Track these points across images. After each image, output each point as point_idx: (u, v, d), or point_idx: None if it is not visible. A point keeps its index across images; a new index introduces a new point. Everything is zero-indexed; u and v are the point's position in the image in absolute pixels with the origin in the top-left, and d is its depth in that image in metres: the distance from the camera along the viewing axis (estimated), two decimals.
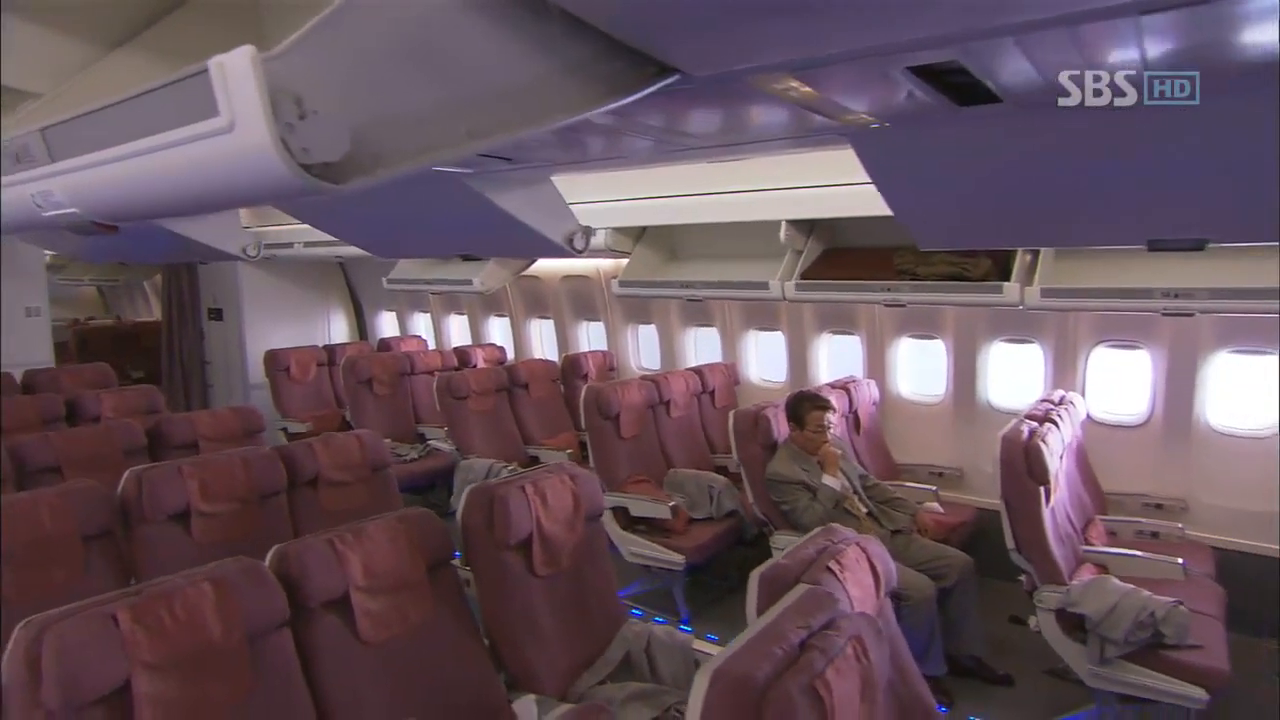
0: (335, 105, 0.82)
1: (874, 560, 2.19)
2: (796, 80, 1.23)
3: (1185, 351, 4.40)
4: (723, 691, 1.37)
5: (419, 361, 6.70)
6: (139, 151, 0.91)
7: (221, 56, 0.75)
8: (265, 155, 0.76)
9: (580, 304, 6.79)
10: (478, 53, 0.96)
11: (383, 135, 0.88)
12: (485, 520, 2.58)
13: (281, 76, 0.75)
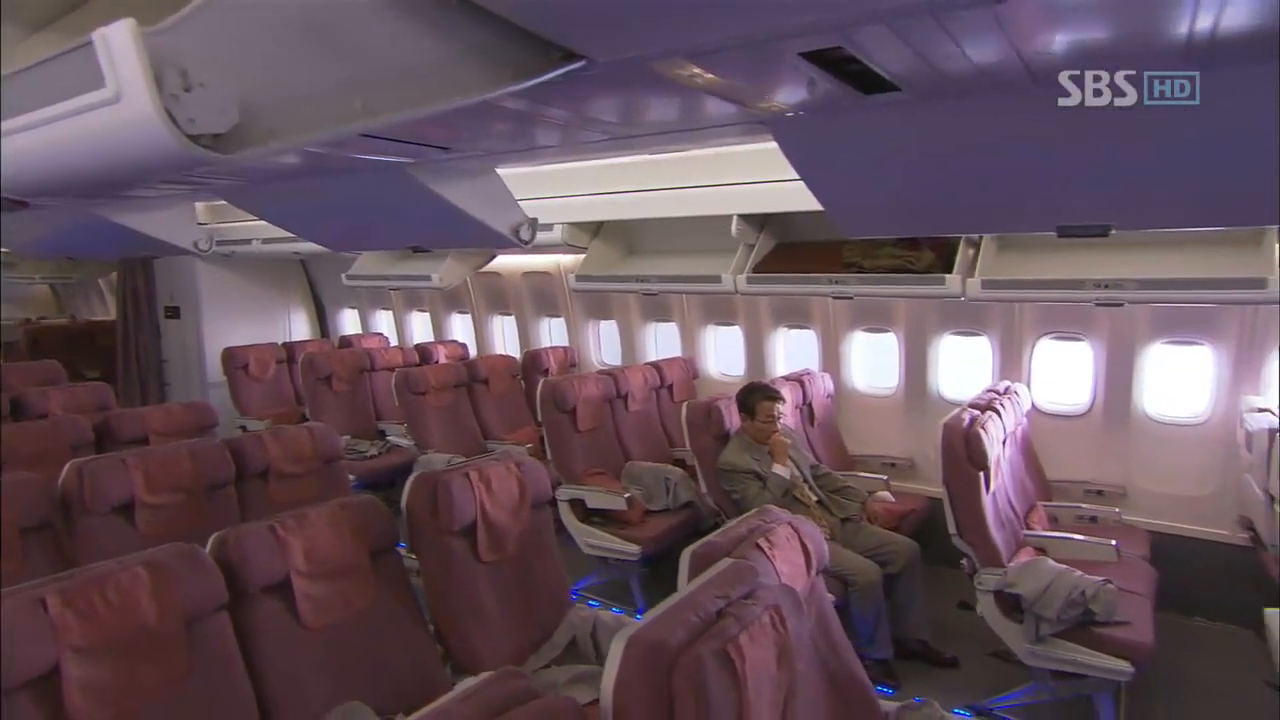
0: (223, 78, 0.85)
1: (805, 539, 2.26)
2: (697, 66, 1.28)
3: (1123, 343, 4.56)
4: (636, 656, 1.42)
5: (379, 358, 6.68)
6: (34, 123, 0.94)
7: (105, 29, 0.78)
8: (151, 124, 0.79)
9: (541, 300, 6.82)
10: (374, 32, 1.00)
11: (275, 109, 0.91)
12: (429, 507, 2.61)
13: (166, 49, 0.79)
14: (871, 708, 2.31)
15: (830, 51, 1.23)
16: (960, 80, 1.44)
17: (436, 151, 2.22)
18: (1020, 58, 1.26)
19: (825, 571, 3.71)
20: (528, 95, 1.55)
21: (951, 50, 1.19)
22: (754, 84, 1.43)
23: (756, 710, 1.52)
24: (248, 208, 3.27)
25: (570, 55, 1.27)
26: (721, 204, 4.25)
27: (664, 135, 1.94)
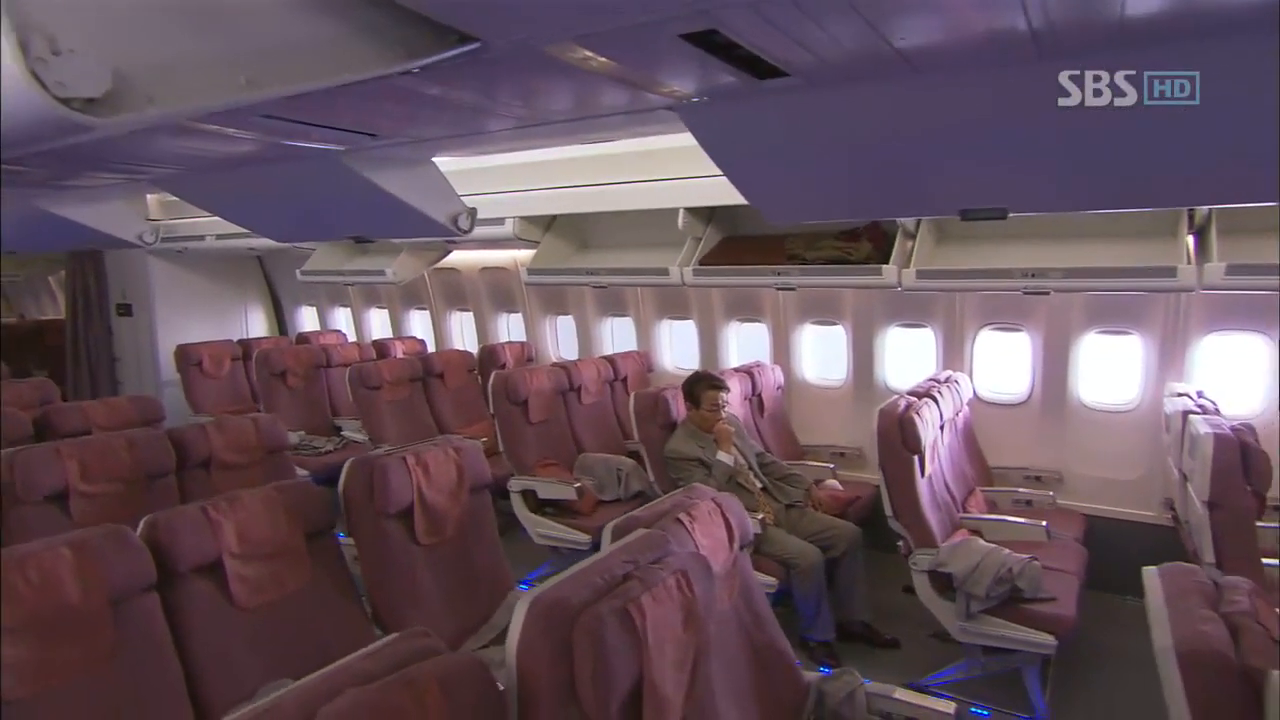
0: (94, 45, 0.89)
1: (728, 515, 2.33)
2: (587, 50, 1.34)
3: (1059, 333, 4.71)
4: (538, 615, 1.48)
5: (336, 354, 6.66)
6: None
7: None
8: (18, 87, 0.83)
9: (499, 296, 6.85)
10: (260, 6, 1.05)
11: (153, 77, 0.96)
12: (365, 490, 2.65)
13: (31, 14, 0.83)
14: (794, 677, 2.39)
15: (713, 36, 1.30)
16: (846, 67, 1.52)
17: (364, 138, 2.26)
18: (889, 43, 1.34)
19: (768, 555, 3.83)
20: (437, 79, 1.61)
21: (819, 34, 1.26)
22: (648, 69, 1.49)
23: (659, 668, 1.59)
24: (188, 197, 3.27)
25: (465, 38, 1.33)
26: (668, 198, 4.33)
27: (579, 122, 1.99)
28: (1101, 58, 1.37)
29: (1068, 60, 1.38)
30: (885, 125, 1.76)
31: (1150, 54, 1.32)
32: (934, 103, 1.62)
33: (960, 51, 1.39)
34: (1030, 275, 3.56)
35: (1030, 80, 1.51)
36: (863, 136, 1.83)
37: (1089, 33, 1.28)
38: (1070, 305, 4.63)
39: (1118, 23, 1.23)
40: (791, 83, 1.57)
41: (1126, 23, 1.24)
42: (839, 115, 1.73)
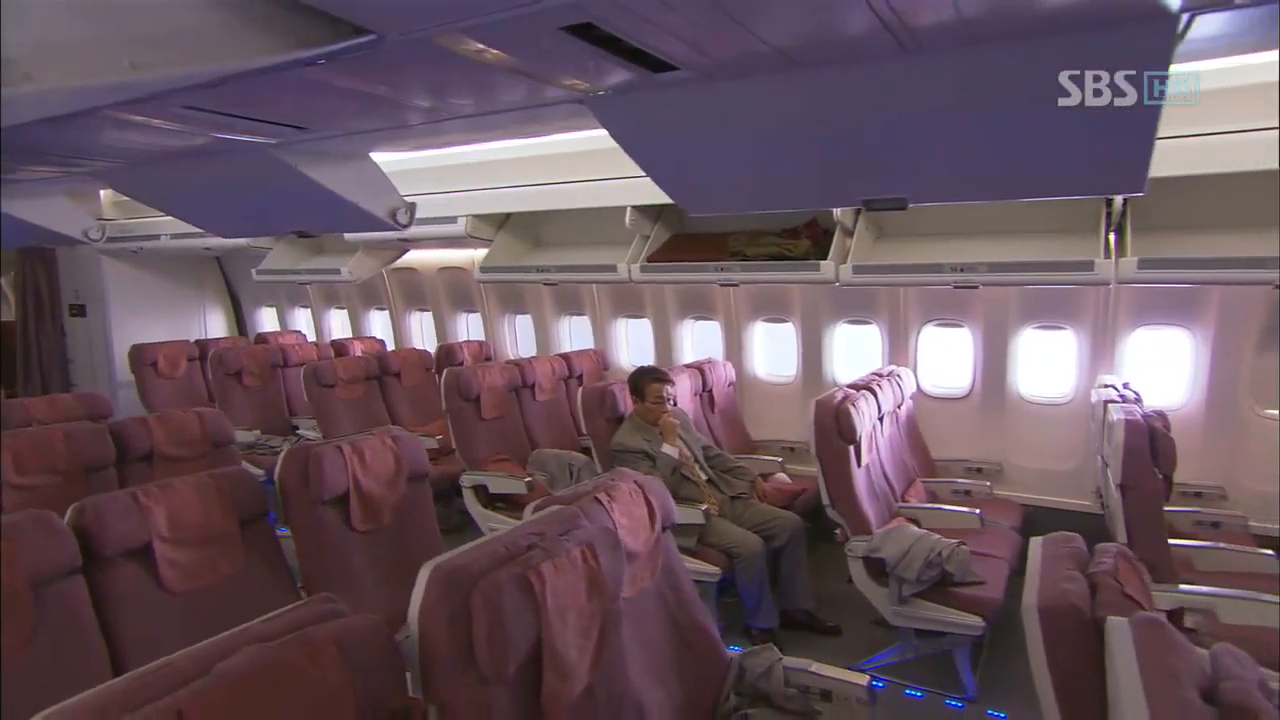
0: None
1: (650, 496, 2.41)
2: (478, 42, 1.42)
3: (997, 328, 4.86)
4: (439, 581, 1.54)
5: (293, 354, 6.65)
6: None
7: None
8: None
9: (458, 295, 6.89)
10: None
11: (33, 55, 1.01)
12: (300, 477, 2.69)
13: None
14: (716, 654, 2.47)
15: (592, 29, 1.38)
16: (731, 62, 1.61)
17: (293, 131, 2.31)
18: (761, 40, 1.43)
19: (712, 545, 3.92)
20: (347, 72, 1.68)
21: (692, 30, 1.35)
22: (543, 62, 1.57)
23: (560, 633, 1.66)
24: (131, 192, 3.29)
25: (361, 30, 1.40)
26: (615, 196, 4.41)
27: (498, 116, 2.06)
28: (957, 54, 1.47)
29: (929, 56, 1.48)
30: (780, 118, 1.85)
31: (996, 50, 1.42)
32: (820, 97, 1.72)
33: (829, 48, 1.49)
34: (959, 270, 3.69)
35: (908, 75, 1.61)
36: (762, 129, 1.92)
37: (940, 30, 1.38)
38: (1007, 301, 4.78)
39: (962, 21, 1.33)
40: (683, 76, 1.66)
41: (972, 21, 1.34)
42: (736, 109, 1.82)
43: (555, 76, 1.66)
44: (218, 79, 1.27)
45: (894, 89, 1.67)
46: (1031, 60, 1.46)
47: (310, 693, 1.33)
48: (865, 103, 1.79)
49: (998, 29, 1.39)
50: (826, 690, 2.37)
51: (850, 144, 2.00)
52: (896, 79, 1.59)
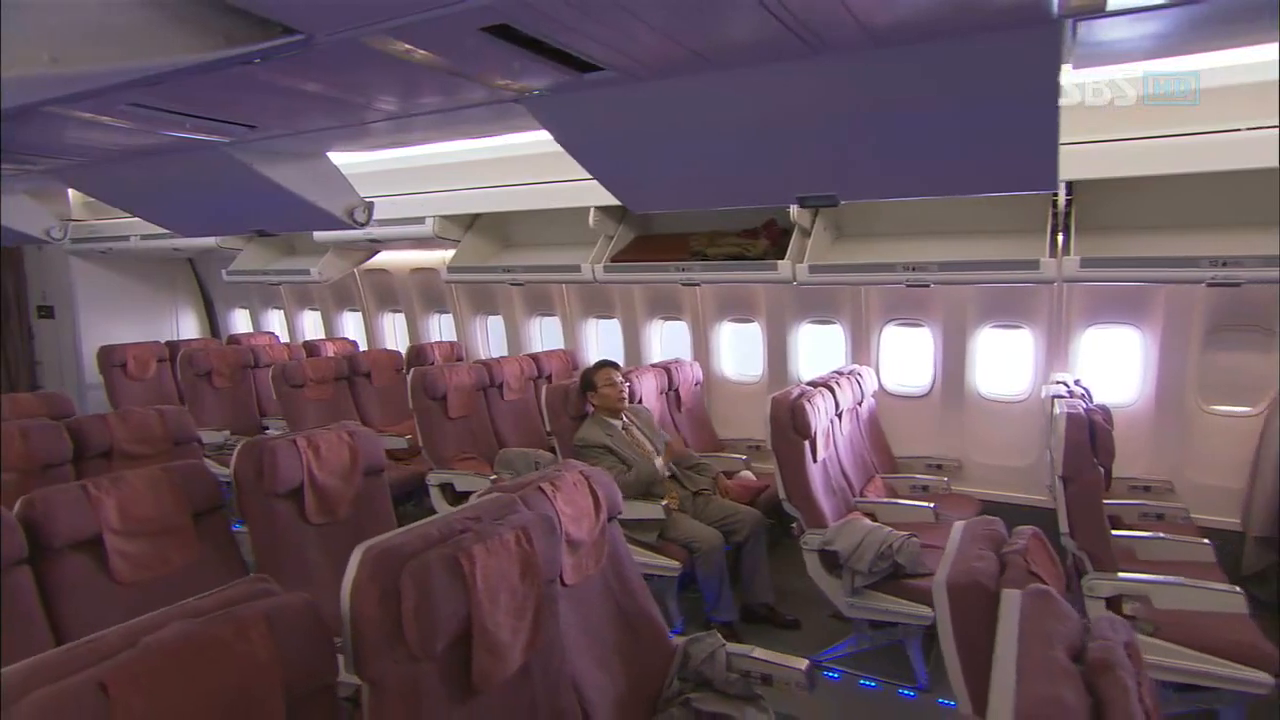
0: None
1: (596, 486, 2.47)
2: (404, 43, 1.48)
3: (956, 327, 4.97)
4: (370, 561, 1.59)
5: (264, 355, 6.64)
6: None
7: None
8: None
9: (430, 296, 6.92)
10: None
11: None
12: (255, 471, 2.73)
13: None
14: (661, 640, 2.54)
15: (515, 30, 1.45)
16: (653, 62, 1.68)
17: (243, 130, 2.36)
18: (677, 42, 1.50)
19: (672, 539, 3.98)
20: (285, 71, 1.74)
21: (606, 31, 1.42)
22: (471, 63, 1.63)
23: (490, 613, 1.72)
24: (90, 191, 3.32)
25: (290, 30, 1.46)
26: (579, 197, 4.48)
27: (437, 115, 2.12)
28: (863, 56, 1.55)
29: (836, 57, 1.56)
30: (709, 118, 1.92)
31: (897, 52, 1.50)
32: (743, 98, 1.79)
33: (740, 51, 1.56)
34: (911, 269, 3.78)
35: (820, 76, 1.69)
36: (694, 128, 1.99)
37: (841, 33, 1.45)
38: (965, 301, 4.89)
39: (859, 24, 1.40)
40: (610, 76, 1.72)
41: (869, 25, 1.42)
42: (666, 108, 1.89)
43: (486, 77, 1.72)
44: (142, 75, 1.32)
45: (810, 90, 1.74)
46: (931, 63, 1.54)
47: (237, 666, 1.38)
48: (786, 103, 1.86)
49: (895, 33, 1.46)
50: (767, 674, 2.44)
51: (780, 143, 2.07)
52: (811, 80, 1.67)
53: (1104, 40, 1.64)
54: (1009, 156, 1.85)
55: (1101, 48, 1.72)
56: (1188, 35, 1.70)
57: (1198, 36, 1.77)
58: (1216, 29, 1.69)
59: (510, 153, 4.65)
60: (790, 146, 2.09)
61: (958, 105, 1.70)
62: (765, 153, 2.14)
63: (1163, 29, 1.61)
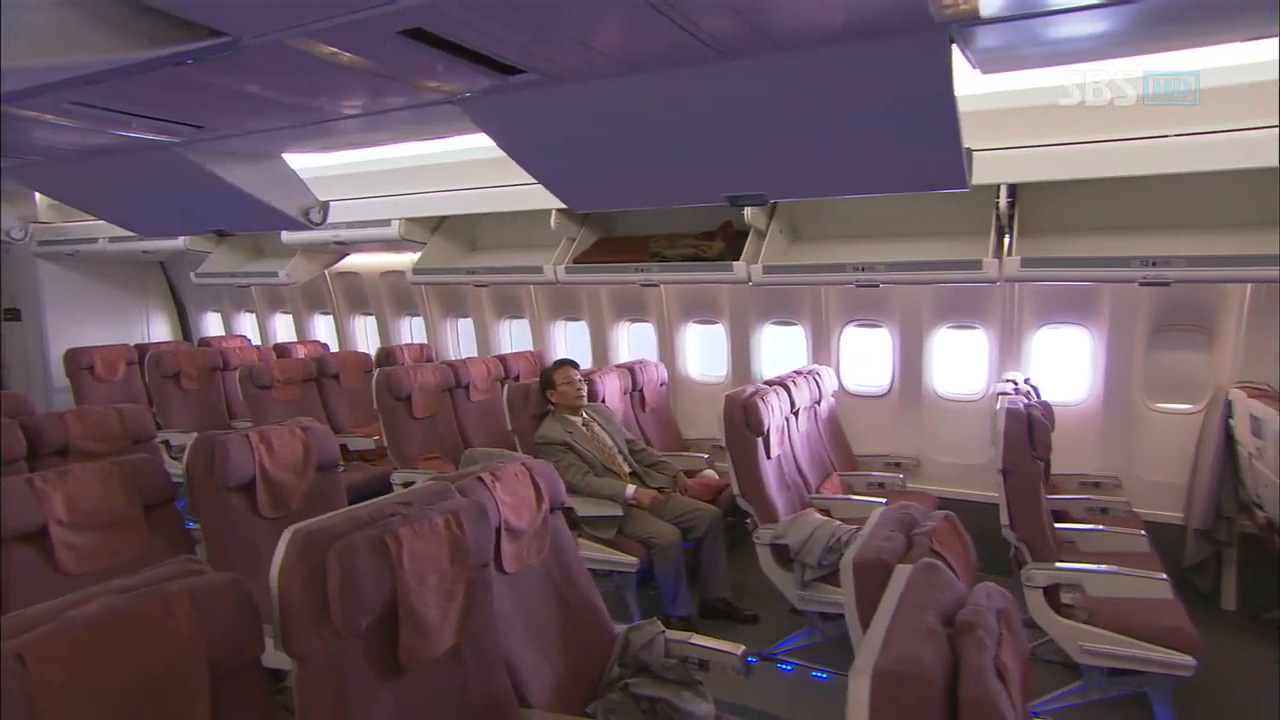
0: None
1: (538, 478, 2.54)
2: (328, 45, 1.55)
3: (913, 328, 5.08)
4: (298, 542, 1.65)
5: (233, 357, 6.65)
6: None
7: None
8: None
9: (400, 299, 6.97)
10: None
11: None
12: (206, 464, 2.78)
13: None
14: (602, 628, 2.60)
15: (431, 34, 1.52)
16: (573, 65, 1.76)
17: (191, 130, 2.42)
18: (588, 45, 1.58)
19: (631, 535, 4.05)
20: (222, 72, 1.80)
21: (516, 35, 1.49)
22: (396, 65, 1.70)
23: (418, 594, 1.78)
24: (47, 191, 3.36)
25: (216, 32, 1.52)
26: (543, 200, 4.53)
27: (382, 116, 2.18)
28: (768, 61, 1.64)
29: (743, 62, 1.65)
30: (634, 120, 2.01)
31: (797, 57, 1.59)
32: (661, 101, 1.88)
33: (650, 56, 1.64)
34: (860, 269, 3.89)
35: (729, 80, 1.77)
36: (622, 129, 2.07)
37: (744, 39, 1.54)
38: (921, 302, 5.01)
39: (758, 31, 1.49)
40: (533, 79, 1.80)
41: (767, 30, 1.50)
42: (593, 110, 1.97)
43: (416, 79, 1.80)
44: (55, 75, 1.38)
45: (723, 93, 1.83)
46: (831, 68, 1.63)
47: (160, 641, 1.43)
48: (704, 105, 1.95)
49: (791, 38, 1.55)
50: (704, 660, 2.51)
51: (707, 144, 2.16)
52: (723, 84, 1.75)
53: (1055, 39, 1.71)
54: (917, 157, 1.95)
55: (1054, 46, 1.78)
56: (1139, 34, 1.76)
57: (1149, 36, 1.83)
58: (1169, 29, 1.75)
59: (475, 155, 4.71)
60: (717, 147, 2.17)
61: (863, 108, 1.80)
62: (693, 153, 2.22)
63: (1115, 28, 1.67)
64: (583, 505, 4.07)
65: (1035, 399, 3.97)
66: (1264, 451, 3.49)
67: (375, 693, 1.73)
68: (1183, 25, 1.74)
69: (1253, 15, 1.70)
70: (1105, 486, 4.59)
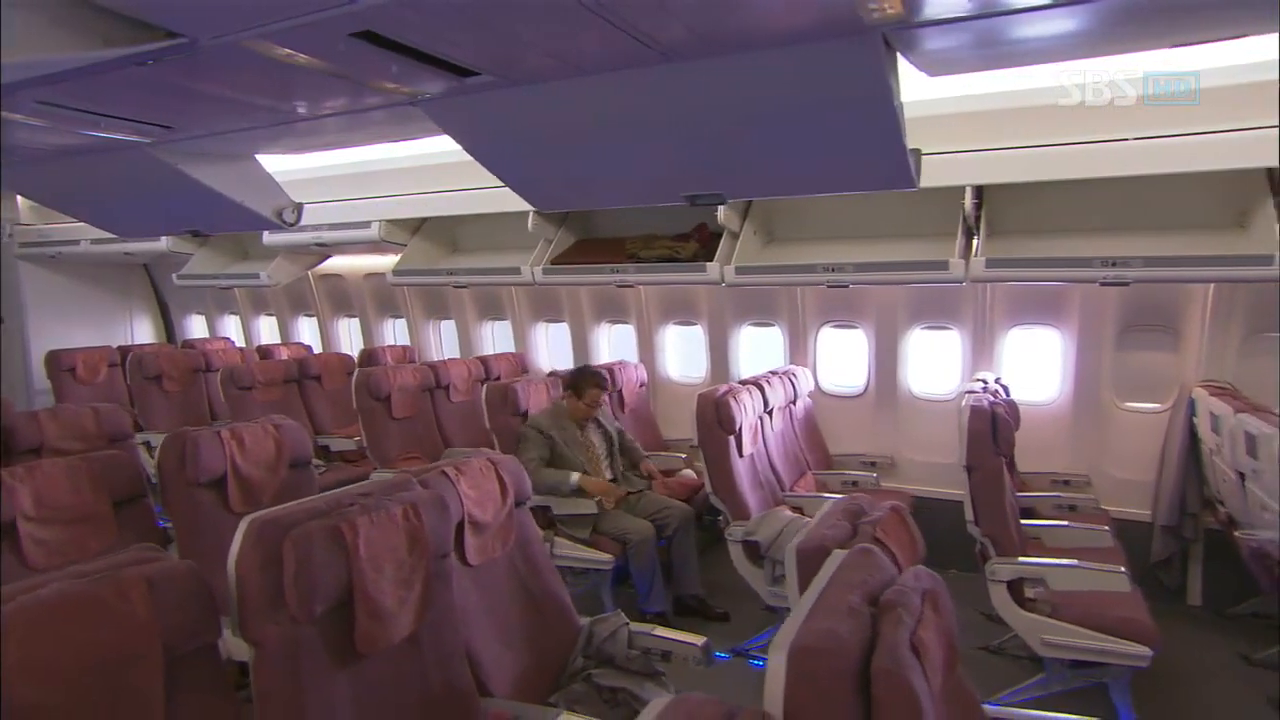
0: None
1: (503, 473, 2.59)
2: (284, 47, 1.60)
3: (888, 329, 5.14)
4: (255, 530, 1.69)
5: (216, 359, 6.66)
6: None
7: None
8: None
9: (383, 301, 7.00)
10: None
11: None
12: (178, 460, 2.81)
13: None
14: (567, 620, 2.64)
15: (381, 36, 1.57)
16: (529, 69, 1.82)
17: (160, 130, 2.46)
18: (536, 49, 1.63)
19: (605, 533, 4.08)
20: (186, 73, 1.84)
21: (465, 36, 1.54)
22: (352, 66, 1.75)
23: (374, 582, 1.82)
24: (22, 191, 3.39)
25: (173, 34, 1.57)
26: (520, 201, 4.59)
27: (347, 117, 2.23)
28: (714, 64, 1.69)
29: (689, 64, 1.70)
30: (590, 121, 2.06)
31: (741, 60, 1.65)
32: (618, 101, 1.93)
33: (595, 58, 1.70)
34: (831, 270, 3.95)
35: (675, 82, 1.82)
36: (580, 130, 2.13)
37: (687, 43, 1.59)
38: (896, 303, 5.08)
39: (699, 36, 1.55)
40: (489, 80, 1.86)
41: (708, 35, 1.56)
42: (550, 111, 2.02)
43: (373, 80, 1.84)
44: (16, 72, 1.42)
45: (672, 94, 1.88)
46: (772, 71, 1.68)
47: (115, 624, 1.47)
48: (655, 107, 2.00)
49: (730, 41, 1.61)
50: (666, 651, 2.56)
51: (663, 144, 2.22)
52: (670, 85, 1.81)
53: (1019, 38, 1.76)
54: (864, 157, 2.01)
55: (1002, 49, 1.83)
56: (1093, 36, 1.80)
57: (1106, 37, 1.88)
58: (1124, 30, 1.80)
59: (455, 158, 4.75)
60: (673, 148, 2.23)
61: (808, 111, 1.85)
62: (652, 154, 2.28)
63: (1065, 29, 1.71)
64: (560, 505, 4.12)
65: (1002, 398, 4.03)
66: (1222, 448, 3.56)
67: (332, 677, 1.77)
68: (1135, 28, 1.79)
69: (1205, 18, 1.75)
70: (1075, 484, 4.66)
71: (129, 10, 1.46)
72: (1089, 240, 3.81)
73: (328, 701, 1.75)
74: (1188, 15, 1.72)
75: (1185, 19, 1.75)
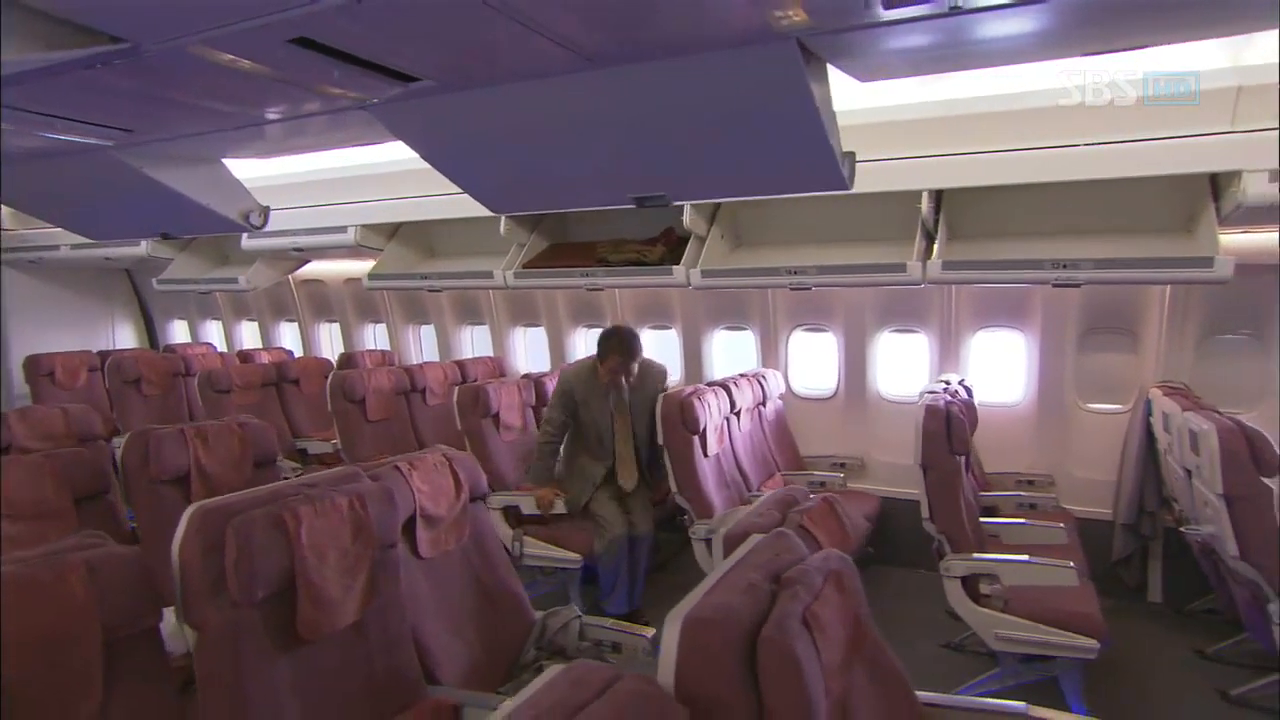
0: None
1: (458, 469, 2.65)
2: (225, 52, 1.66)
3: (857, 332, 5.22)
4: (197, 518, 1.75)
5: (196, 363, 6.69)
6: None
7: None
8: None
9: (364, 306, 7.06)
10: None
11: None
12: (141, 458, 2.86)
13: None
14: (521, 613, 2.70)
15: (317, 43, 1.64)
16: (472, 74, 1.89)
17: (121, 134, 2.52)
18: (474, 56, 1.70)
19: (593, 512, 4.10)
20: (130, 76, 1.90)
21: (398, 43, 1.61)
22: (296, 72, 1.82)
23: (315, 568, 1.87)
24: None
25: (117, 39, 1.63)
26: None
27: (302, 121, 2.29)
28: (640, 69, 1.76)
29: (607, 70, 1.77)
30: (534, 125, 2.12)
31: (664, 66, 1.72)
32: (556, 106, 2.00)
33: (528, 65, 1.77)
34: (793, 272, 4.03)
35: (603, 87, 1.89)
36: (525, 134, 2.19)
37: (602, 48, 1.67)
38: (864, 306, 5.16)
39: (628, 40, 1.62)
40: (432, 85, 1.92)
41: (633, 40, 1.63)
42: (494, 116, 2.08)
43: (320, 85, 1.91)
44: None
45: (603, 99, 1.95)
46: (697, 76, 1.75)
47: (54, 606, 1.52)
48: (591, 112, 2.07)
49: (660, 48, 1.68)
50: (617, 643, 2.62)
51: (605, 148, 2.28)
52: (601, 90, 1.87)
53: (947, 44, 1.83)
54: (794, 160, 2.08)
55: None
56: (1068, 35, 1.85)
57: (1047, 43, 1.92)
58: (1064, 35, 1.84)
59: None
60: (616, 151, 2.30)
61: (735, 115, 1.92)
62: (596, 157, 2.35)
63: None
64: (528, 504, 4.18)
65: (960, 398, 4.11)
66: (1173, 446, 3.65)
67: (274, 662, 1.82)
68: (1079, 30, 1.83)
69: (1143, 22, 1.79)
70: (1039, 484, 4.74)
71: (73, 15, 1.52)
72: (1046, 244, 3.88)
73: (270, 685, 1.80)
74: (1134, 19, 1.75)
75: (1130, 22, 1.77)
